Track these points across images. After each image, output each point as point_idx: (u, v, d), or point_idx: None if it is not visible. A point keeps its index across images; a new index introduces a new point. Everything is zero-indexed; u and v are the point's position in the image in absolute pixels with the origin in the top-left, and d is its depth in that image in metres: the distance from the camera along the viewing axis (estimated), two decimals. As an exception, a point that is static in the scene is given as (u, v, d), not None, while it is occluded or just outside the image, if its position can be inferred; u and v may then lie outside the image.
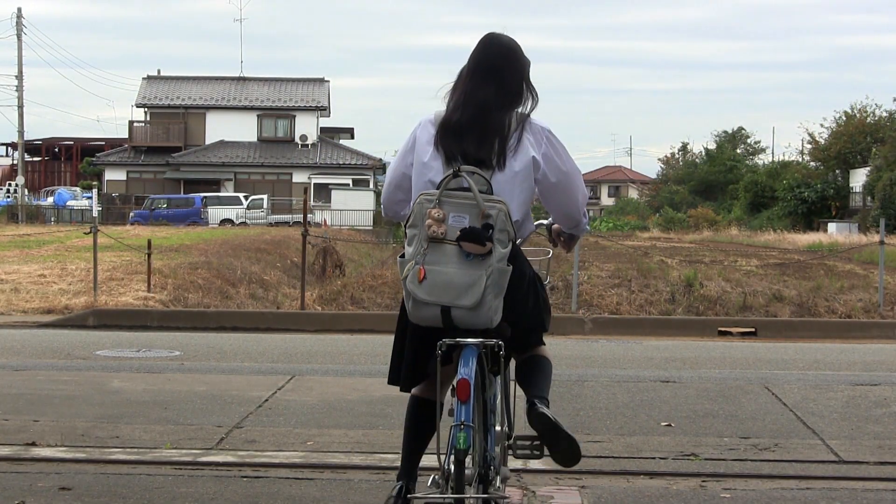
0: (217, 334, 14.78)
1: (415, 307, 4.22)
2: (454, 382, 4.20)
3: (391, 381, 4.54)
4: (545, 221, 5.07)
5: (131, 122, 65.33)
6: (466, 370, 4.13)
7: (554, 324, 17.37)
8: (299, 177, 61.64)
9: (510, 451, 4.80)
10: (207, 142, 64.46)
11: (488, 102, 4.41)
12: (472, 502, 4.23)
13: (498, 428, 4.64)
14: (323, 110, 66.36)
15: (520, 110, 4.49)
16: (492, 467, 4.37)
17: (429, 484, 4.30)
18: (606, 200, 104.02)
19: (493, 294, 4.15)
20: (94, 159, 68.44)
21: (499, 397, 4.62)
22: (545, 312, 4.60)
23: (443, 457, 4.15)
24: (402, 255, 4.26)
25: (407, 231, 4.27)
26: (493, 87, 4.43)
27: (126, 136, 66.52)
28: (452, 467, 4.11)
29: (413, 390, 4.49)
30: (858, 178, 57.52)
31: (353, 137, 74.68)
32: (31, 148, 79.56)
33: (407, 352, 4.43)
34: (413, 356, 4.40)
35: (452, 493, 4.13)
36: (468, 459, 4.16)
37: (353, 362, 11.48)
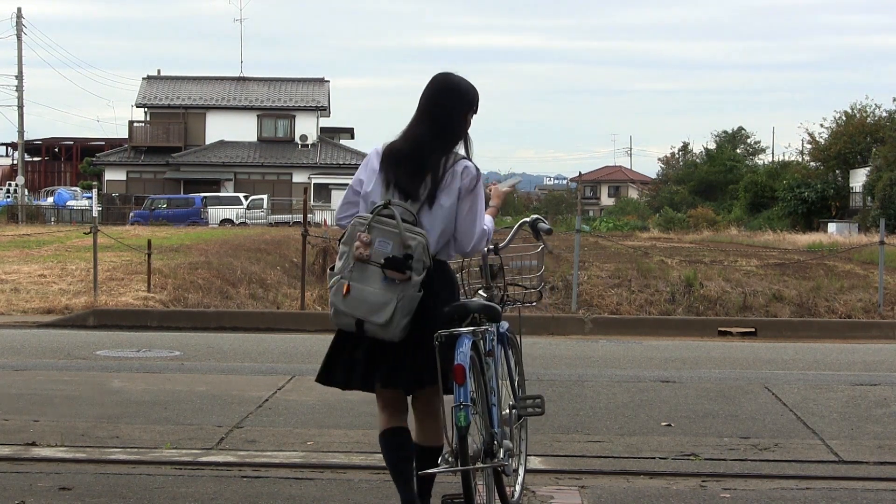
0: (217, 334, 14.77)
1: (335, 315, 4.75)
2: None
3: (319, 380, 4.99)
4: (527, 220, 5.37)
5: (131, 122, 65.26)
6: (461, 356, 4.60)
7: (554, 323, 17.31)
8: (299, 177, 61.59)
9: (516, 411, 5.32)
10: (207, 142, 64.41)
11: (422, 141, 4.83)
12: (478, 471, 4.79)
13: (504, 411, 5.12)
14: (323, 110, 66.31)
15: (459, 150, 4.88)
16: (495, 441, 4.84)
17: (439, 462, 4.77)
18: (606, 200, 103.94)
19: (402, 315, 4.66)
20: (94, 159, 68.37)
21: (497, 379, 5.07)
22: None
23: (449, 437, 4.64)
24: (332, 268, 4.79)
25: (339, 247, 4.79)
26: (426, 127, 4.85)
27: (126, 136, 66.45)
28: (457, 444, 4.60)
29: (380, 424, 4.91)
30: (858, 178, 57.46)
31: (353, 137, 74.64)
32: (31, 148, 79.50)
33: (343, 353, 4.87)
34: (349, 355, 4.86)
35: (460, 467, 4.62)
36: (477, 437, 4.75)
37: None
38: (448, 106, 4.88)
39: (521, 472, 5.46)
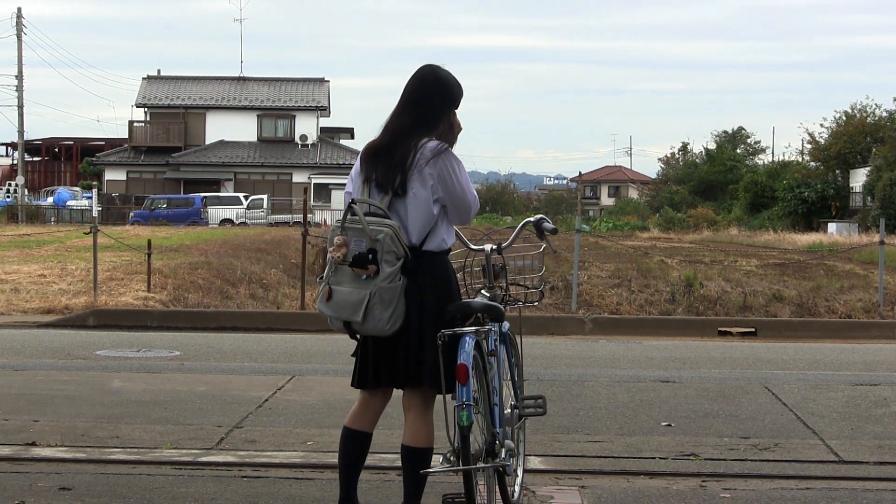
0: (217, 334, 14.77)
1: (329, 320, 4.80)
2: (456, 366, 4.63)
3: (356, 385, 4.97)
4: (532, 219, 5.39)
5: (131, 122, 65.25)
6: (464, 356, 4.61)
7: (554, 323, 17.29)
8: (299, 177, 61.59)
9: (518, 410, 5.34)
10: (207, 142, 64.41)
11: (401, 131, 4.80)
12: (479, 471, 4.81)
13: (506, 411, 5.12)
14: (323, 110, 66.31)
15: (430, 138, 4.81)
16: (497, 441, 4.86)
17: (441, 462, 4.74)
18: (606, 200, 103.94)
19: (381, 308, 4.66)
20: (94, 159, 68.37)
21: (500, 378, 5.08)
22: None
23: (451, 436, 4.64)
24: (320, 277, 4.85)
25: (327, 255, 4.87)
26: (409, 118, 4.82)
27: (126, 136, 66.46)
28: (459, 443, 4.61)
29: (346, 422, 4.97)
30: (858, 178, 57.47)
31: (353, 137, 74.63)
32: (31, 148, 79.50)
33: (369, 357, 4.88)
34: (374, 359, 4.86)
35: (462, 466, 4.63)
36: (479, 437, 4.77)
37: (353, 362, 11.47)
38: (434, 101, 4.85)
39: (519, 472, 5.47)
